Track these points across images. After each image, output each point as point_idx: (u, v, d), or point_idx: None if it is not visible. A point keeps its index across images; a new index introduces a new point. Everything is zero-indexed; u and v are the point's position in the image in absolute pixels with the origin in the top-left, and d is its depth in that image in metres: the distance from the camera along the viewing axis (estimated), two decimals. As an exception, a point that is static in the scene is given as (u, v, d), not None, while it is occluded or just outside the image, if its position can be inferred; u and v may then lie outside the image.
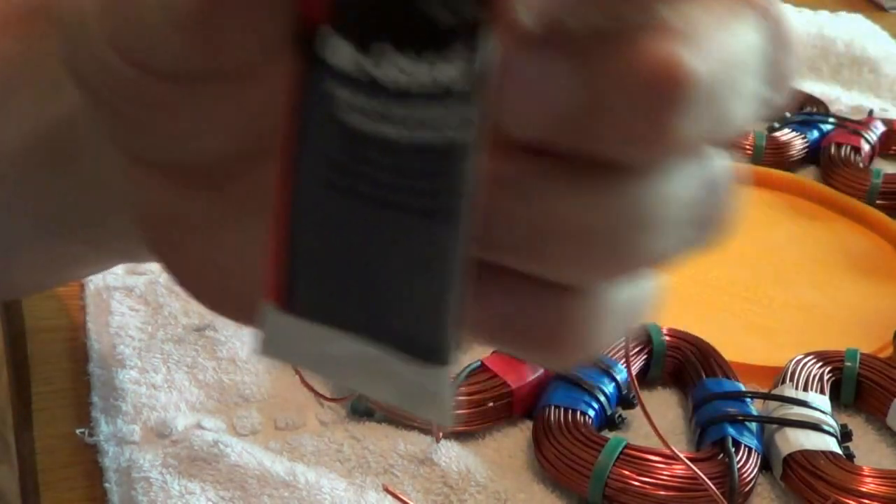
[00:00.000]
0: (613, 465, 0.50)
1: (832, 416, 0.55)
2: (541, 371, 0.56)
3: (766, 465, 0.54)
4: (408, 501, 0.49)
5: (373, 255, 0.22)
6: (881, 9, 1.15)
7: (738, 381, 0.57)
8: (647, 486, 0.50)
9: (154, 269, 0.65)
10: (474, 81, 0.20)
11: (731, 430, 0.53)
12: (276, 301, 0.23)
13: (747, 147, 0.83)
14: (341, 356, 0.23)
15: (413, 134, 0.20)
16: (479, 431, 0.55)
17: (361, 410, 0.55)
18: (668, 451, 0.50)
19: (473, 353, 0.60)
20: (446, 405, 0.23)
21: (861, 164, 0.82)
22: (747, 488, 0.52)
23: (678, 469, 0.50)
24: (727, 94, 0.22)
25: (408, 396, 0.23)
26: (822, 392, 0.57)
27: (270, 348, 0.23)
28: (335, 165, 0.21)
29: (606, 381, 0.55)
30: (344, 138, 0.21)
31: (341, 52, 0.20)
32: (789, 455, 0.53)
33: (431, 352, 0.22)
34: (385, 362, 0.23)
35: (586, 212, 0.22)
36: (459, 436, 0.54)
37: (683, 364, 0.59)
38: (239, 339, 0.59)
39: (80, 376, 0.56)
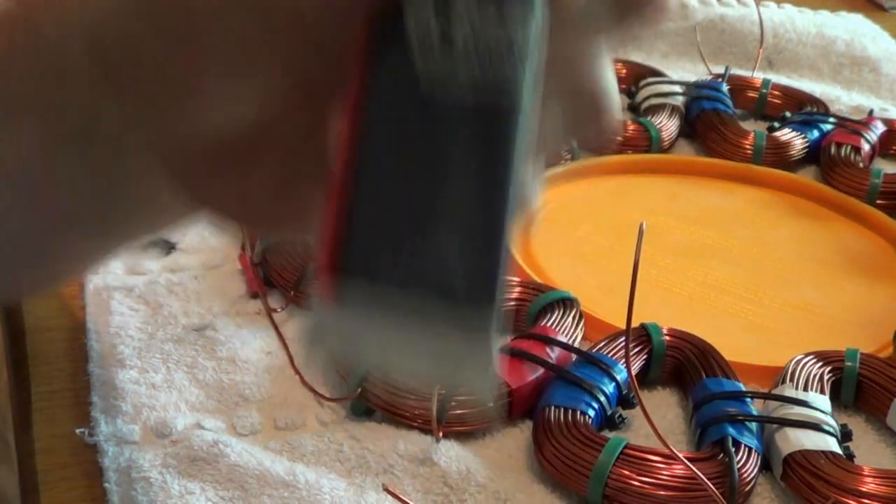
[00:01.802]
0: (613, 465, 0.50)
1: (832, 416, 0.55)
2: (541, 371, 0.56)
3: (766, 465, 0.54)
4: (408, 501, 0.49)
5: (429, 202, 0.24)
6: (881, 9, 1.15)
7: (738, 381, 0.57)
8: (647, 486, 0.50)
9: (154, 268, 0.65)
10: (532, 24, 0.23)
11: (731, 430, 0.53)
12: (331, 265, 0.24)
13: (747, 147, 0.83)
14: (387, 332, 0.24)
15: (479, 90, 0.22)
16: (479, 431, 0.55)
17: (361, 410, 0.55)
18: (668, 451, 0.50)
19: (473, 353, 0.60)
20: (488, 376, 0.24)
21: (861, 164, 0.82)
22: (747, 488, 0.52)
23: (678, 469, 0.50)
24: None
25: (450, 366, 0.24)
26: (822, 392, 0.57)
27: (319, 336, 0.25)
28: (403, 131, 0.23)
29: (606, 381, 0.55)
30: (415, 103, 0.23)
31: (419, 21, 0.22)
32: (789, 455, 0.53)
33: (479, 300, 0.24)
34: (429, 329, 0.24)
35: None
36: (459, 436, 0.54)
37: (683, 364, 0.59)
38: (239, 338, 0.59)
39: (80, 376, 0.56)
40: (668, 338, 0.59)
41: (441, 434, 0.53)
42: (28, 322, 0.60)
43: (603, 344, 0.58)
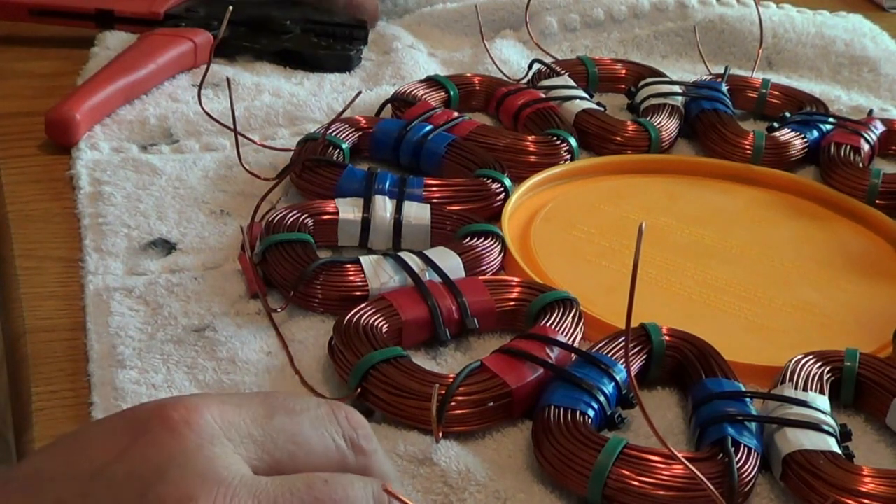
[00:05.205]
0: (613, 465, 0.50)
1: (832, 416, 0.55)
2: (540, 371, 0.56)
3: (765, 465, 0.54)
4: (408, 501, 0.49)
5: None
6: (881, 9, 1.15)
7: (738, 381, 0.57)
8: (647, 486, 0.50)
9: (154, 269, 0.65)
10: None
11: (730, 430, 0.53)
12: None
13: (747, 147, 0.83)
14: None
15: None
16: (479, 431, 0.55)
17: (361, 411, 0.55)
18: (667, 451, 0.50)
19: (473, 354, 0.60)
20: None
21: (861, 164, 0.82)
22: (747, 488, 0.52)
23: (678, 469, 0.50)
24: None
25: None
26: (821, 392, 0.57)
27: None
28: None
29: (606, 381, 0.55)
30: None
31: None
32: (789, 455, 0.53)
33: None
34: None
35: None
36: (459, 436, 0.54)
37: (683, 364, 0.59)
38: (239, 339, 0.59)
39: (80, 376, 0.56)
40: (667, 338, 0.60)
41: (441, 434, 0.53)
42: (28, 322, 0.60)
43: (603, 344, 0.58)
